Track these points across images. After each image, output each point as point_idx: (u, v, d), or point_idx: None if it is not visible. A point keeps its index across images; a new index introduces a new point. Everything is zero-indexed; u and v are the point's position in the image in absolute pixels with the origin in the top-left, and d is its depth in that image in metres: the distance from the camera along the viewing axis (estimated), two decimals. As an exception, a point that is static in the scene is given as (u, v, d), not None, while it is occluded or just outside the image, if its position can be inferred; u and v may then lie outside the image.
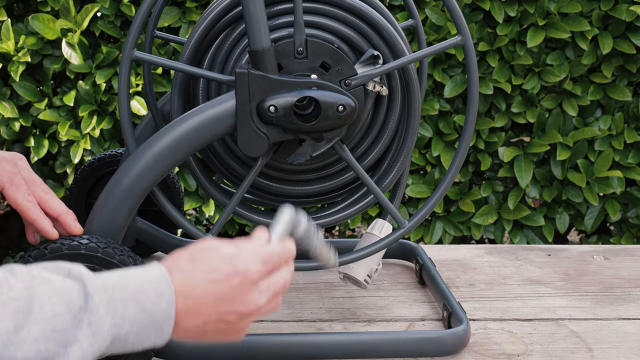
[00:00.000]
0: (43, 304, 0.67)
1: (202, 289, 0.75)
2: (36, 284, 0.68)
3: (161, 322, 0.73)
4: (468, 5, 2.00)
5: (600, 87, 2.03)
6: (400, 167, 1.13)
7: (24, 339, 0.66)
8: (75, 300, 0.69)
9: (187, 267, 0.76)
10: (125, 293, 0.72)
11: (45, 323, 0.67)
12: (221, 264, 0.77)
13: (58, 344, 0.67)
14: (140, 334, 0.72)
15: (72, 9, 1.90)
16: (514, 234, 2.06)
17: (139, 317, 0.72)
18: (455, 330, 1.12)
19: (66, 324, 0.68)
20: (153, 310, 0.73)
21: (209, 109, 1.03)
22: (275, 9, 1.08)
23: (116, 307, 0.71)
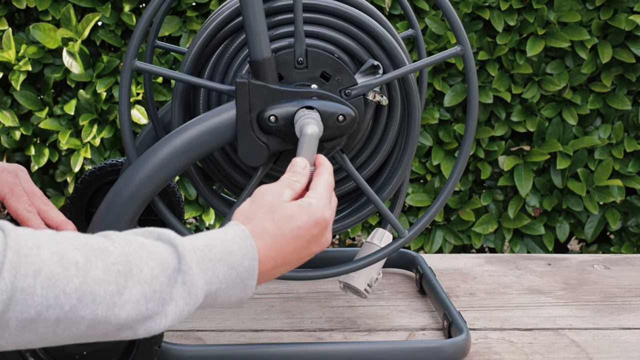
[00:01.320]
0: (141, 267, 0.71)
1: (290, 246, 0.82)
2: (132, 248, 0.72)
3: (246, 277, 0.78)
4: (468, 15, 2.01)
5: (600, 96, 2.03)
6: (400, 177, 1.13)
7: (127, 299, 0.70)
8: (170, 261, 0.73)
9: (271, 227, 0.82)
10: (213, 254, 0.76)
11: (144, 284, 0.71)
12: (302, 218, 0.83)
13: (157, 303, 0.72)
14: (229, 290, 0.78)
15: (73, 18, 1.91)
16: (514, 243, 2.06)
17: (227, 275, 0.77)
18: (456, 339, 1.12)
19: (163, 284, 0.72)
20: (239, 268, 0.78)
21: (210, 118, 1.04)
22: (276, 19, 1.08)
23: (206, 268, 0.76)
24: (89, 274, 0.68)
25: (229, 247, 0.78)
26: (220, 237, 0.78)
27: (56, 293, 0.67)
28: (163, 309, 0.73)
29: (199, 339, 1.18)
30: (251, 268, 0.79)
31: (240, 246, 0.78)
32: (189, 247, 0.75)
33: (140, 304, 0.71)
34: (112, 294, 0.69)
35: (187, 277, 0.74)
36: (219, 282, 0.77)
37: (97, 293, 0.69)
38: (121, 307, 0.70)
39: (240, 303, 0.80)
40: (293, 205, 0.83)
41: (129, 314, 0.71)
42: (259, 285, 1.37)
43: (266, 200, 0.83)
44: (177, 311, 0.74)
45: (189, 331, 1.21)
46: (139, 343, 1.03)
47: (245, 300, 0.81)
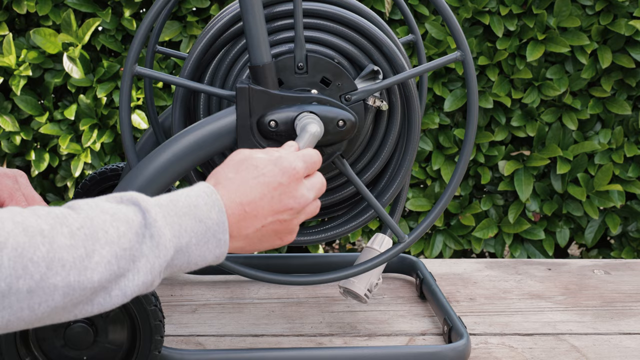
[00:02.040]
0: (106, 229, 0.72)
1: (255, 192, 0.81)
2: (95, 213, 0.72)
3: (217, 230, 0.78)
4: (468, 20, 2.01)
5: (599, 101, 2.04)
6: (400, 182, 1.13)
7: (98, 261, 0.70)
8: (134, 218, 0.74)
9: (234, 176, 0.82)
10: (178, 208, 0.76)
11: (113, 244, 0.71)
12: (267, 167, 0.83)
13: (128, 261, 0.72)
14: (202, 246, 0.77)
15: (73, 24, 1.91)
16: (515, 248, 2.06)
17: (195, 228, 0.77)
18: (456, 345, 1.12)
19: (131, 240, 0.73)
20: (207, 221, 0.77)
21: (210, 123, 1.04)
22: (276, 24, 1.08)
23: (172, 221, 0.76)
24: (55, 241, 0.68)
25: (194, 202, 0.78)
26: (185, 192, 0.78)
27: (24, 263, 0.66)
28: (134, 265, 0.73)
29: (199, 344, 1.18)
30: (220, 220, 0.78)
31: (206, 200, 0.78)
32: (153, 203, 0.75)
33: (112, 263, 0.71)
34: (81, 258, 0.69)
35: (154, 230, 0.74)
36: (188, 236, 0.76)
37: (66, 259, 0.69)
38: (93, 269, 0.70)
39: (218, 261, 0.80)
40: (259, 157, 0.83)
41: (102, 275, 0.71)
42: (259, 290, 1.37)
43: (234, 158, 0.84)
44: (149, 266, 0.73)
45: (189, 336, 1.20)
46: (139, 348, 1.03)
47: (223, 258, 0.80)
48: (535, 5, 1.99)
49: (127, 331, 1.04)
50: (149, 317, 1.02)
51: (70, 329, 1.02)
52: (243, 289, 1.38)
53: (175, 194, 0.78)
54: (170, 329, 1.22)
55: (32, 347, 1.03)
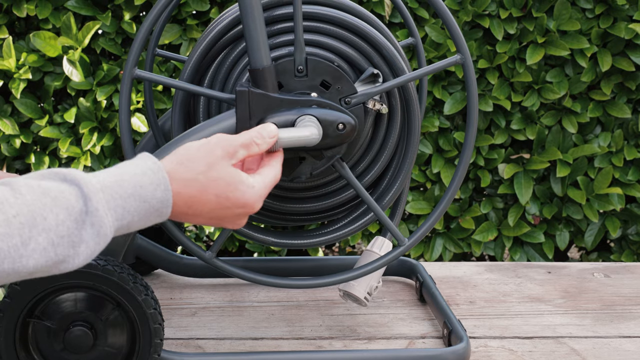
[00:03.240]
0: (45, 215, 0.71)
1: (206, 205, 0.82)
2: (35, 197, 0.71)
3: (160, 207, 0.78)
4: (467, 23, 2.01)
5: (599, 104, 2.04)
6: (400, 185, 1.13)
7: (34, 249, 0.70)
8: (75, 205, 0.73)
9: (202, 179, 0.81)
10: (122, 190, 0.76)
11: (50, 232, 0.71)
12: (236, 193, 0.83)
13: (66, 247, 0.72)
14: (142, 221, 0.78)
15: (73, 27, 1.91)
16: (514, 251, 2.06)
17: (139, 208, 0.77)
18: (456, 348, 1.12)
19: (70, 228, 0.72)
20: (152, 201, 0.78)
21: (210, 127, 1.04)
22: (276, 27, 1.08)
23: (116, 205, 0.75)
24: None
25: (140, 181, 0.77)
26: (131, 170, 0.78)
27: None
28: (74, 251, 0.73)
29: (199, 347, 1.18)
30: (165, 198, 0.78)
31: (152, 178, 0.78)
32: (97, 187, 0.75)
33: (48, 250, 0.71)
34: (16, 247, 0.69)
35: (95, 219, 0.73)
36: (131, 216, 0.77)
37: (0, 248, 0.69)
38: (28, 257, 0.70)
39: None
40: (236, 176, 0.83)
41: (37, 262, 0.71)
42: (258, 293, 1.37)
43: (216, 154, 0.83)
44: (89, 251, 0.74)
45: (188, 339, 1.20)
46: (139, 351, 1.03)
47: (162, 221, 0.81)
48: (535, 9, 1.99)
49: (127, 334, 1.03)
50: (148, 320, 1.02)
51: (69, 333, 1.02)
52: (243, 292, 1.38)
53: (121, 171, 0.77)
54: (169, 332, 1.22)
55: (32, 351, 1.03)
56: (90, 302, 1.03)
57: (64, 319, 1.02)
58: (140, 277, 1.04)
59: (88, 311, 1.02)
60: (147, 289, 1.03)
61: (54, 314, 1.02)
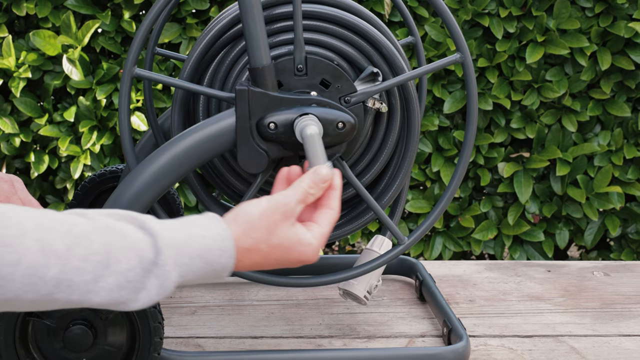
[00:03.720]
0: (119, 258, 0.75)
1: (268, 265, 0.86)
2: (113, 238, 0.75)
3: (220, 271, 0.82)
4: (467, 22, 2.01)
5: (599, 103, 2.04)
6: (400, 184, 1.13)
7: (102, 287, 0.74)
8: (147, 255, 0.76)
9: (264, 248, 0.85)
10: (191, 251, 0.79)
11: (120, 275, 0.75)
12: (294, 254, 0.86)
13: (130, 291, 0.76)
14: (201, 280, 0.82)
15: (72, 25, 1.91)
16: (514, 250, 2.06)
17: (202, 270, 0.80)
18: (455, 346, 1.12)
19: (138, 275, 0.76)
20: (215, 264, 0.81)
21: (209, 125, 1.04)
22: (275, 26, 1.08)
23: (183, 262, 0.79)
24: (69, 263, 0.72)
25: (209, 245, 0.80)
26: (201, 232, 0.81)
27: (34, 280, 0.70)
28: (135, 295, 0.76)
29: (199, 346, 1.18)
30: (227, 265, 0.82)
31: (220, 244, 0.81)
32: (169, 242, 0.78)
33: (114, 291, 0.75)
34: (87, 283, 0.73)
35: (162, 272, 0.77)
36: (193, 275, 0.80)
37: (73, 281, 0.72)
38: (95, 293, 0.74)
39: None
40: (295, 238, 0.86)
41: (102, 299, 0.74)
42: (258, 292, 1.37)
43: (275, 219, 0.85)
44: (148, 298, 0.77)
45: (188, 338, 1.20)
46: (138, 350, 1.03)
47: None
48: (535, 7, 1.99)
49: (127, 333, 1.04)
50: (148, 318, 1.02)
51: (69, 331, 1.02)
52: (242, 291, 1.38)
53: (192, 232, 0.80)
54: (169, 331, 1.22)
55: (32, 349, 1.03)
56: (90, 301, 1.03)
57: (64, 317, 1.02)
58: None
59: (88, 310, 1.02)
60: (147, 288, 1.03)
61: (53, 312, 1.02)
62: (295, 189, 0.88)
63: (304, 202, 0.88)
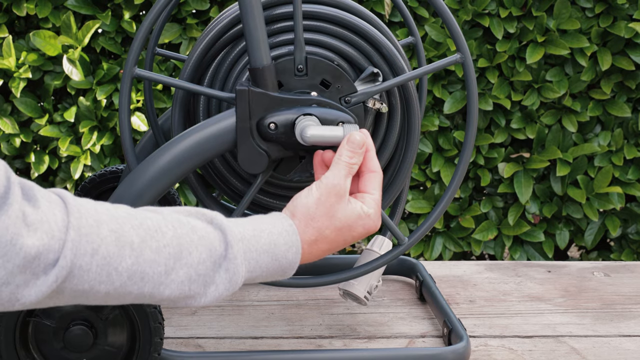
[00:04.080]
0: (190, 251, 0.76)
1: (335, 246, 0.87)
2: (184, 231, 0.76)
3: (287, 267, 0.83)
4: (467, 22, 2.01)
5: (599, 103, 2.04)
6: (400, 184, 1.13)
7: (173, 280, 0.75)
8: (217, 248, 0.77)
9: (330, 234, 0.86)
10: (259, 245, 0.80)
11: (191, 268, 0.76)
12: (358, 229, 0.88)
13: (200, 285, 0.76)
14: (267, 277, 0.82)
15: (73, 26, 1.91)
16: (514, 250, 2.06)
17: (269, 266, 0.81)
18: (456, 347, 1.12)
19: (208, 268, 0.77)
20: (282, 260, 0.82)
21: (210, 126, 1.04)
22: (276, 26, 1.08)
23: (251, 257, 0.80)
24: (142, 255, 0.73)
25: (276, 240, 0.82)
26: (268, 228, 0.82)
27: (109, 271, 0.71)
28: (204, 290, 0.77)
29: (199, 346, 1.18)
30: (294, 260, 0.83)
31: (286, 239, 0.82)
32: (238, 236, 0.79)
33: (184, 284, 0.76)
34: (159, 274, 0.74)
35: (231, 265, 0.77)
36: (260, 271, 0.81)
37: (146, 272, 0.73)
38: (166, 286, 0.74)
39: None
40: (354, 214, 0.87)
41: (172, 292, 0.75)
42: (258, 292, 1.37)
43: (331, 202, 0.86)
44: (217, 294, 0.78)
45: (188, 338, 1.20)
46: (138, 350, 1.03)
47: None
48: (535, 8, 1.99)
49: (127, 333, 1.04)
50: (148, 319, 1.02)
51: (69, 332, 1.02)
52: (242, 291, 1.38)
53: (260, 227, 0.82)
54: (169, 331, 1.22)
55: (32, 349, 1.03)
56: (90, 301, 1.03)
57: (64, 317, 1.02)
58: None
59: (88, 310, 1.02)
60: (147, 288, 1.03)
61: (54, 312, 1.02)
62: (338, 165, 0.89)
63: (350, 174, 0.89)
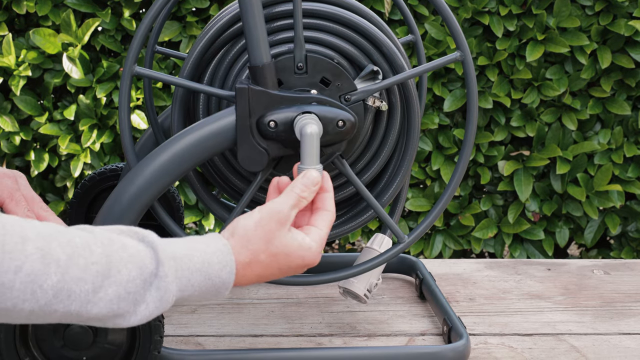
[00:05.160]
0: (120, 269, 0.74)
1: (271, 274, 0.86)
2: (114, 249, 0.75)
3: (221, 287, 0.82)
4: (467, 20, 2.01)
5: (599, 101, 2.04)
6: (399, 182, 1.13)
7: (101, 298, 0.73)
8: (148, 266, 0.76)
9: (264, 259, 0.85)
10: (192, 264, 0.79)
11: (120, 286, 0.74)
12: (296, 260, 0.86)
13: (129, 303, 0.75)
14: (200, 296, 0.81)
15: (73, 24, 1.91)
16: (514, 248, 2.06)
17: (202, 285, 0.80)
18: (455, 345, 1.12)
19: (138, 286, 0.75)
20: (215, 279, 0.81)
21: (210, 124, 1.04)
22: (276, 24, 1.08)
23: (182, 276, 0.78)
24: (69, 272, 0.71)
25: (209, 259, 0.80)
26: (202, 248, 0.81)
27: (33, 288, 0.70)
28: (134, 308, 0.76)
29: (199, 344, 1.18)
30: (227, 280, 0.82)
31: (220, 258, 0.81)
32: (170, 254, 0.78)
33: (113, 302, 0.74)
34: (87, 292, 0.72)
35: (162, 284, 0.76)
36: (193, 290, 0.80)
37: (73, 290, 0.72)
38: (94, 304, 0.73)
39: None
40: (294, 243, 0.86)
41: (100, 310, 0.74)
42: (258, 290, 1.37)
43: (271, 228, 0.85)
44: (147, 312, 0.76)
45: (188, 336, 1.20)
46: (138, 348, 1.03)
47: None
48: (535, 6, 1.99)
49: (127, 331, 1.04)
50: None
51: (69, 330, 1.02)
52: (242, 289, 1.38)
53: (193, 246, 0.80)
54: (169, 329, 1.22)
55: (32, 347, 1.03)
56: (90, 299, 1.03)
57: (64, 316, 1.02)
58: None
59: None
60: (147, 286, 1.03)
61: (54, 311, 1.02)
62: (287, 195, 0.88)
63: (298, 206, 0.88)
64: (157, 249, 0.77)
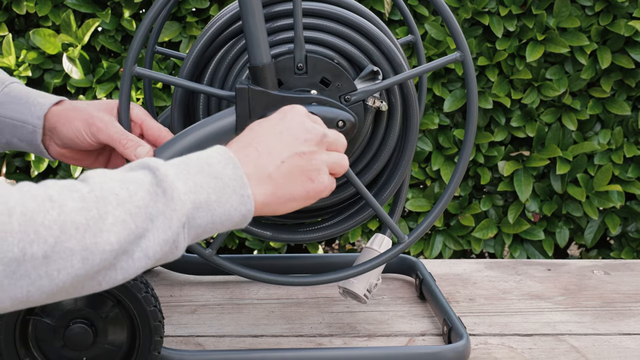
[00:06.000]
0: (117, 192, 0.69)
1: (268, 136, 0.82)
2: (105, 180, 0.71)
3: (236, 186, 0.76)
4: (467, 20, 2.01)
5: (599, 102, 2.04)
6: (398, 180, 1.13)
7: (113, 222, 0.68)
8: (144, 178, 0.72)
9: (245, 132, 0.84)
10: (190, 167, 0.75)
11: (126, 203, 0.69)
12: (293, 128, 0.85)
13: (144, 219, 0.70)
14: (223, 202, 0.75)
15: (73, 24, 1.91)
16: (514, 248, 2.06)
17: (212, 184, 0.74)
18: (456, 345, 1.12)
19: (144, 199, 0.70)
20: (224, 178, 0.75)
21: (209, 124, 1.04)
22: (276, 24, 1.08)
23: (185, 178, 0.73)
24: (66, 204, 0.67)
25: (206, 160, 0.76)
26: (196, 154, 0.77)
27: (35, 227, 0.64)
28: (153, 224, 0.70)
29: (199, 345, 1.18)
30: (237, 175, 0.77)
31: (219, 158, 0.77)
32: (162, 162, 0.74)
33: (128, 222, 0.69)
34: (95, 220, 0.67)
35: (166, 185, 0.72)
36: (206, 192, 0.74)
37: (79, 221, 0.67)
38: (109, 230, 0.68)
39: (245, 220, 0.78)
40: (293, 114, 0.87)
41: (119, 235, 0.68)
42: (258, 290, 1.37)
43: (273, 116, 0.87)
44: (167, 222, 0.71)
45: (188, 337, 1.20)
46: (138, 349, 1.03)
47: (250, 218, 0.77)
48: (535, 6, 1.99)
49: (127, 332, 1.04)
50: (148, 317, 1.02)
51: (69, 330, 1.02)
52: (242, 290, 1.38)
53: (187, 156, 0.77)
54: (169, 330, 1.22)
55: (32, 348, 1.03)
56: (90, 300, 1.03)
57: (64, 316, 1.02)
58: (140, 275, 1.04)
59: (88, 308, 1.02)
60: (147, 287, 1.03)
61: (54, 311, 1.02)
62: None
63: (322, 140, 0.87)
64: (147, 163, 0.73)
